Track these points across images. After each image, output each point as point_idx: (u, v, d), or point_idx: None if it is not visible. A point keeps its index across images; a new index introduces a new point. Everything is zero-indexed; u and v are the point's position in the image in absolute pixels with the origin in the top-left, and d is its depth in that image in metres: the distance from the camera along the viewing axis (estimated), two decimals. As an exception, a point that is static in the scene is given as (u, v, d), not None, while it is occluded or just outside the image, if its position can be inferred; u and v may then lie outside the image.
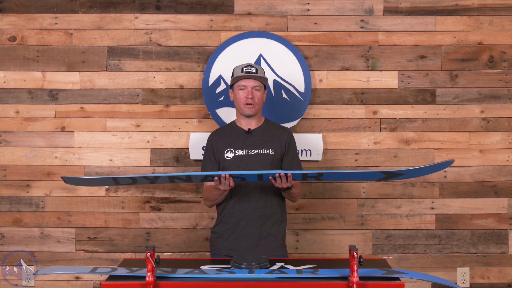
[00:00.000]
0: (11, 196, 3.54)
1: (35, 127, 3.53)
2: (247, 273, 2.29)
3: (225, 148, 2.89)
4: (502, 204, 3.55)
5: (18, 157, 3.54)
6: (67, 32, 3.53)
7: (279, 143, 2.91)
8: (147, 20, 3.52)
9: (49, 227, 3.55)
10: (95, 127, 3.53)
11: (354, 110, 3.54)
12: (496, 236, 3.56)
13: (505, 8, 3.53)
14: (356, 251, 2.12)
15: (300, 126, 3.52)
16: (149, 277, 2.14)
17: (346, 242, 3.54)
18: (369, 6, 3.52)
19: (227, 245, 2.86)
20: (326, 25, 3.53)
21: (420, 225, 3.55)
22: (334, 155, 3.53)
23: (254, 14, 3.52)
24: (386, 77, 3.53)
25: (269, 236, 2.86)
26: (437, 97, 3.54)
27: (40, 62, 3.53)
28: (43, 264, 3.56)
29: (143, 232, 3.55)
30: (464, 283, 3.54)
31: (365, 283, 2.16)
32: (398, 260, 3.55)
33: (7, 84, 3.53)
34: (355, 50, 3.53)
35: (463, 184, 3.55)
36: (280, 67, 3.48)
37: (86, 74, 3.53)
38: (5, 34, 3.52)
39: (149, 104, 3.53)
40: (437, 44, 3.53)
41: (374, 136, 3.54)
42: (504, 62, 3.54)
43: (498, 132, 3.54)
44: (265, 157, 2.86)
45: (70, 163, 3.53)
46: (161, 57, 3.52)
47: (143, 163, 3.53)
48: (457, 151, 3.54)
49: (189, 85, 3.53)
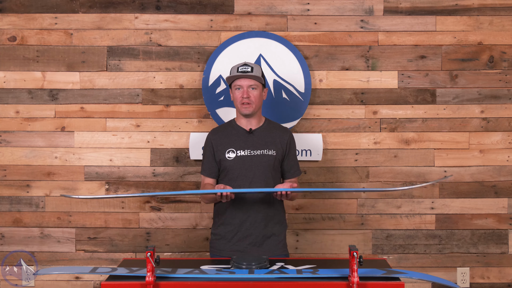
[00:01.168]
0: (11, 196, 3.54)
1: (35, 127, 3.53)
2: (247, 273, 2.29)
3: (226, 148, 2.88)
4: (502, 204, 3.55)
5: (18, 157, 3.54)
6: (67, 32, 3.53)
7: (280, 144, 2.91)
8: (147, 20, 3.52)
9: (49, 227, 3.55)
10: (95, 127, 3.53)
11: (354, 110, 3.54)
12: (496, 236, 3.56)
13: (505, 8, 3.53)
14: (356, 251, 2.12)
15: (300, 126, 3.52)
16: (149, 277, 2.14)
17: (346, 242, 3.54)
18: (369, 6, 3.52)
19: (230, 246, 2.85)
20: (326, 25, 3.53)
21: (420, 225, 3.55)
22: (334, 155, 3.53)
23: (254, 14, 3.52)
24: (386, 77, 3.53)
25: (273, 236, 2.87)
26: (437, 97, 3.54)
27: (40, 62, 3.53)
28: (43, 264, 3.56)
29: (143, 232, 3.55)
30: (464, 283, 3.54)
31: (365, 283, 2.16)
32: (398, 260, 3.55)
33: (7, 84, 3.53)
34: (355, 50, 3.53)
35: (463, 184, 3.55)
36: (280, 67, 3.48)
37: (86, 74, 3.53)
38: (5, 34, 3.52)
39: (149, 104, 3.53)
40: (437, 44, 3.53)
41: (374, 136, 3.54)
42: (504, 62, 3.54)
43: (498, 132, 3.54)
44: (267, 158, 2.86)
45: (70, 163, 3.53)
46: (161, 57, 3.52)
47: (143, 163, 3.53)
48: (457, 151, 3.54)
49: (189, 85, 3.53)
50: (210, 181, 2.92)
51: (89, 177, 3.53)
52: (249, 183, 2.82)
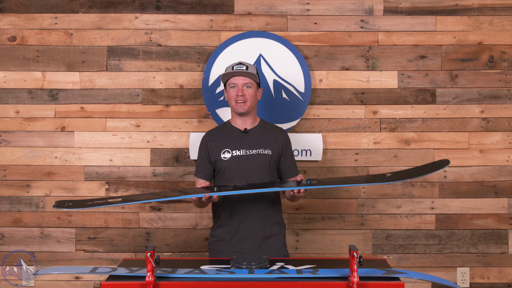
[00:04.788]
0: (11, 196, 3.54)
1: (35, 127, 3.53)
2: (247, 273, 2.29)
3: (221, 149, 2.87)
4: (502, 204, 3.55)
5: (18, 157, 3.54)
6: (67, 32, 3.53)
7: (276, 144, 2.90)
8: (147, 20, 3.52)
9: (49, 227, 3.55)
10: (95, 127, 3.53)
11: (354, 110, 3.54)
12: (496, 236, 3.56)
13: (505, 8, 3.53)
14: (356, 251, 2.12)
15: (300, 126, 3.52)
16: (149, 277, 2.14)
17: (346, 242, 3.54)
18: (369, 6, 3.52)
19: (229, 248, 2.84)
20: (326, 25, 3.53)
21: (420, 225, 3.55)
22: (334, 155, 3.53)
23: (254, 14, 3.52)
24: (386, 77, 3.53)
25: (272, 236, 2.86)
26: (437, 97, 3.54)
27: (40, 62, 3.53)
28: (43, 264, 3.56)
29: (143, 232, 3.55)
30: (464, 283, 3.54)
31: (365, 283, 2.16)
32: (398, 260, 3.55)
33: (7, 84, 3.53)
34: (355, 50, 3.53)
35: (463, 184, 3.55)
36: (280, 67, 3.48)
37: (86, 74, 3.53)
38: (5, 34, 3.52)
39: (149, 104, 3.53)
40: (437, 44, 3.53)
41: (374, 136, 3.54)
42: (504, 62, 3.54)
43: (498, 132, 3.54)
44: (263, 157, 2.85)
45: (70, 163, 3.53)
46: (161, 57, 3.52)
47: (143, 163, 3.53)
48: (457, 151, 3.54)
49: (189, 85, 3.53)
50: (203, 184, 2.91)
51: (89, 177, 3.53)
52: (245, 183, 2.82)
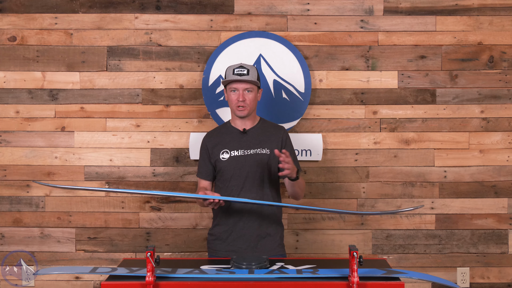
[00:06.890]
0: (11, 196, 3.54)
1: (35, 127, 3.53)
2: (247, 273, 2.29)
3: (221, 149, 2.88)
4: (502, 204, 3.55)
5: (18, 157, 3.54)
6: (67, 32, 3.53)
7: (275, 142, 2.91)
8: (147, 20, 3.52)
9: (49, 227, 3.55)
10: (95, 127, 3.53)
11: (354, 110, 3.54)
12: (496, 236, 3.56)
13: (505, 8, 3.53)
14: (356, 251, 2.12)
15: (300, 126, 3.52)
16: (149, 277, 2.14)
17: (346, 242, 3.54)
18: (369, 6, 3.52)
19: (225, 247, 2.85)
20: (326, 25, 3.53)
21: (420, 225, 3.55)
22: (334, 155, 3.53)
23: (254, 14, 3.52)
24: (386, 77, 3.53)
25: (268, 236, 2.86)
26: (437, 97, 3.54)
27: (40, 62, 3.53)
28: (43, 264, 3.56)
29: (143, 232, 3.55)
30: (464, 283, 3.54)
31: (365, 283, 2.16)
32: (398, 260, 3.55)
33: (7, 84, 3.53)
34: (355, 50, 3.53)
35: (463, 184, 3.55)
36: (280, 67, 3.48)
37: (86, 74, 3.53)
38: (5, 34, 3.52)
39: (149, 104, 3.53)
40: (437, 44, 3.53)
41: (374, 136, 3.54)
42: (504, 62, 3.54)
43: (498, 132, 3.54)
44: (261, 157, 2.86)
45: (70, 163, 3.53)
46: (161, 57, 3.52)
47: (143, 163, 3.53)
48: (457, 151, 3.54)
49: (189, 85, 3.53)
50: (205, 184, 2.92)
51: (89, 177, 3.53)
52: (243, 183, 2.82)
